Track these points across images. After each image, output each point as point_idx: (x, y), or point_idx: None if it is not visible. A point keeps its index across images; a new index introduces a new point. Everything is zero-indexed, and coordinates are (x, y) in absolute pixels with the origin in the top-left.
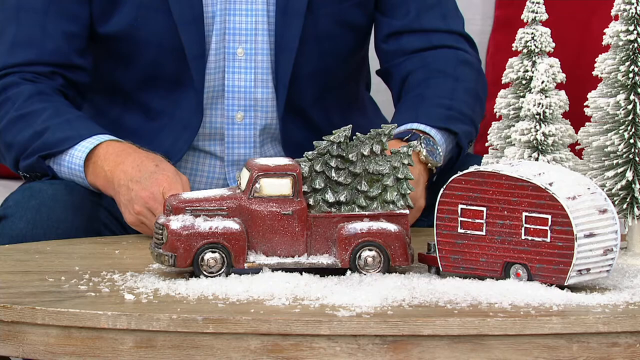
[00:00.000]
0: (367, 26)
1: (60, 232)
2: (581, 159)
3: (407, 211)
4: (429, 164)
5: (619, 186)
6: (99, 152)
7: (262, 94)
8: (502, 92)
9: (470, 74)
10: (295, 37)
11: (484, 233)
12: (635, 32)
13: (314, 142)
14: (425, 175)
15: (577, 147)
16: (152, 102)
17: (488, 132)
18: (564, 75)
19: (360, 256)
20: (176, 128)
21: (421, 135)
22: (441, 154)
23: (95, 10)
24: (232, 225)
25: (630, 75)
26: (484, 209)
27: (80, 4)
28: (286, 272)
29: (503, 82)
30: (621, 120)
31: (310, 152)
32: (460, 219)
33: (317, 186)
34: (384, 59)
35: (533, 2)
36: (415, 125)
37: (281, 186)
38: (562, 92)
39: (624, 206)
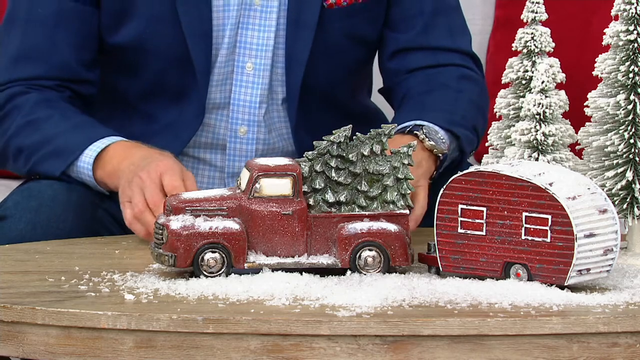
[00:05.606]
0: (376, 41)
1: (59, 233)
2: (581, 159)
3: (407, 211)
4: (435, 150)
5: (619, 186)
6: (107, 150)
7: (266, 109)
8: (502, 92)
9: (473, 88)
10: (306, 50)
11: (484, 233)
12: (635, 32)
13: (314, 142)
14: (432, 163)
15: (577, 147)
16: (154, 112)
17: (488, 132)
18: (564, 75)
19: (360, 256)
20: (173, 131)
21: (424, 125)
22: (446, 143)
23: (104, 21)
24: (232, 225)
25: (630, 75)
26: (484, 209)
27: (91, 16)
28: (286, 272)
29: (503, 82)
30: (621, 120)
31: (310, 152)
32: (460, 219)
33: (317, 186)
34: (389, 77)
35: (533, 2)
36: (419, 122)
37: (281, 186)
38: (562, 92)
39: (624, 206)
